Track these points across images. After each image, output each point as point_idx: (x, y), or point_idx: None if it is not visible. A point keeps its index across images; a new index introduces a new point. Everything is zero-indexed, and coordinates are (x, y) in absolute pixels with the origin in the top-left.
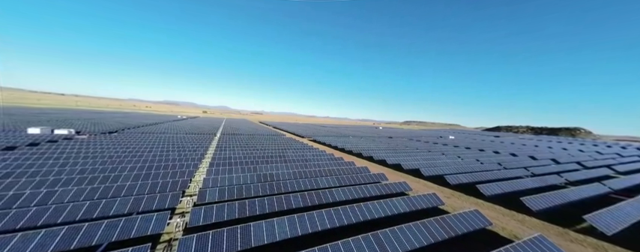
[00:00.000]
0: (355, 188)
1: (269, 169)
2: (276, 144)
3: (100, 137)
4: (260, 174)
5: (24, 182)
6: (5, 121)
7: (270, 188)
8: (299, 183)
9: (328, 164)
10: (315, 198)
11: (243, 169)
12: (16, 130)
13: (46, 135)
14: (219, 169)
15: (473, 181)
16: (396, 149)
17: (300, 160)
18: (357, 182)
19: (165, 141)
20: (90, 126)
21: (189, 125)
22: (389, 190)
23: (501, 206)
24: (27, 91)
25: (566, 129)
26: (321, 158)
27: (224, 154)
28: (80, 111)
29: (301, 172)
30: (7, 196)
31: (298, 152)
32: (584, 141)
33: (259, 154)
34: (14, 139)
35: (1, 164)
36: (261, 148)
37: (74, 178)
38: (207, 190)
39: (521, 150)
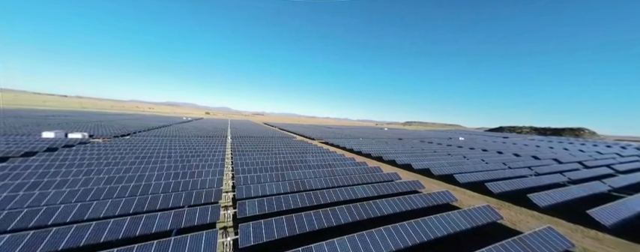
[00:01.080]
0: (400, 200)
1: (296, 175)
2: (291, 147)
3: (114, 141)
4: (291, 182)
5: (54, 194)
6: (17, 125)
7: (309, 199)
8: (336, 193)
9: (354, 170)
10: (362, 212)
11: (271, 177)
12: (30, 133)
13: (61, 139)
14: (246, 176)
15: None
16: (414, 152)
17: (324, 166)
18: (393, 191)
19: (181, 145)
20: (101, 129)
21: (198, 127)
22: (433, 200)
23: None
24: (30, 93)
25: (570, 129)
26: (344, 164)
27: (244, 160)
28: (86, 113)
29: (332, 179)
30: (40, 211)
31: (318, 156)
32: (585, 141)
33: (279, 159)
34: (31, 144)
35: (26, 172)
36: (278, 153)
37: (104, 189)
38: (246, 202)
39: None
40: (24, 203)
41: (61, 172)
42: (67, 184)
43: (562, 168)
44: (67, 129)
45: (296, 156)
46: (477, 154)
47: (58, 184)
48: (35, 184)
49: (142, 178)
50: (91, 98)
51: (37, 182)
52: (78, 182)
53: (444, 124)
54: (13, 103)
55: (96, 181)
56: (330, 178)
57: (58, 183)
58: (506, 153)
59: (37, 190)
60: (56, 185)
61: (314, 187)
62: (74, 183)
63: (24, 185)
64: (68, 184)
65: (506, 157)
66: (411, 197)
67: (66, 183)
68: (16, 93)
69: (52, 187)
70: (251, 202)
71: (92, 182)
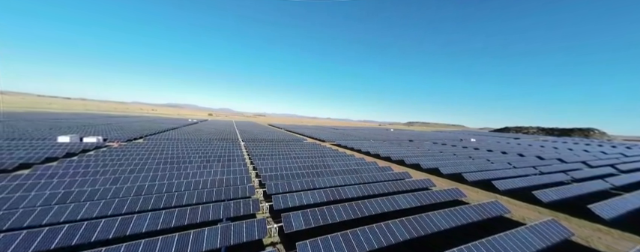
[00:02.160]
0: (450, 213)
1: (327, 182)
2: (308, 151)
3: (130, 145)
4: (326, 190)
5: (90, 205)
6: (29, 128)
7: (353, 211)
8: (379, 204)
9: (382, 176)
10: (417, 227)
11: (302, 184)
12: (45, 138)
13: (77, 143)
14: (277, 184)
15: None
16: (434, 155)
17: (350, 172)
18: (434, 201)
19: (197, 149)
20: (113, 133)
21: (206, 129)
22: (484, 212)
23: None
24: (34, 96)
25: (578, 129)
26: (368, 169)
27: (267, 165)
28: (92, 115)
29: (367, 188)
30: (83, 226)
31: (339, 161)
32: (590, 142)
33: (301, 163)
34: (50, 149)
35: (54, 181)
36: (297, 157)
37: (139, 199)
38: (290, 215)
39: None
40: (61, 216)
41: (88, 181)
42: (98, 195)
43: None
44: (81, 133)
45: (316, 160)
46: (499, 156)
47: (89, 195)
48: (66, 195)
49: (171, 187)
50: (94, 100)
51: (68, 193)
52: (109, 192)
53: (447, 125)
54: (19, 105)
55: (127, 190)
56: (365, 187)
57: (88, 194)
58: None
59: (70, 201)
60: (87, 196)
61: (350, 195)
62: (105, 193)
63: (56, 195)
64: (99, 194)
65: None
66: (463, 208)
67: (97, 193)
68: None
69: (84, 199)
70: (295, 215)
71: (123, 191)
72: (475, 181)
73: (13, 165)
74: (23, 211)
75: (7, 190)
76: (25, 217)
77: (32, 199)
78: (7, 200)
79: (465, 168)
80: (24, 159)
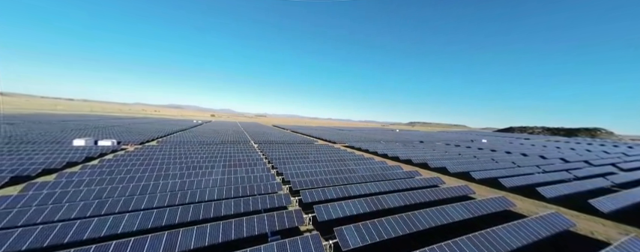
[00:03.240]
0: (519, 228)
1: (360, 189)
2: (325, 154)
3: (145, 149)
4: (367, 200)
5: (129, 217)
6: (41, 131)
7: (406, 225)
8: (430, 216)
9: (414, 182)
10: (490, 246)
11: (337, 191)
12: (59, 141)
13: (92, 147)
14: (311, 192)
15: None
16: (454, 158)
17: (378, 177)
18: (485, 212)
19: (214, 152)
20: (124, 135)
21: (214, 131)
22: (545, 227)
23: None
24: (38, 97)
25: (585, 129)
26: (396, 174)
27: (291, 170)
28: (98, 117)
29: (407, 196)
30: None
31: (361, 165)
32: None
33: (324, 167)
34: (69, 153)
35: (83, 189)
36: (317, 160)
37: (176, 211)
38: (343, 230)
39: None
40: (101, 229)
41: (118, 189)
42: (133, 205)
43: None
44: (95, 136)
45: (338, 164)
46: (521, 158)
47: (123, 205)
48: (100, 205)
49: (203, 195)
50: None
51: (102, 202)
52: (142, 201)
53: (449, 125)
54: (25, 107)
55: (160, 198)
56: (405, 195)
57: (123, 203)
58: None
59: (104, 212)
60: (123, 205)
61: (391, 205)
62: (139, 203)
63: (90, 206)
64: (134, 202)
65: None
66: (526, 222)
67: (131, 203)
68: (25, 97)
69: (120, 208)
70: (348, 229)
71: (157, 200)
72: (514, 187)
73: (37, 171)
74: (63, 225)
75: (38, 200)
76: (66, 230)
77: (66, 211)
78: (40, 212)
79: (497, 172)
80: (45, 164)
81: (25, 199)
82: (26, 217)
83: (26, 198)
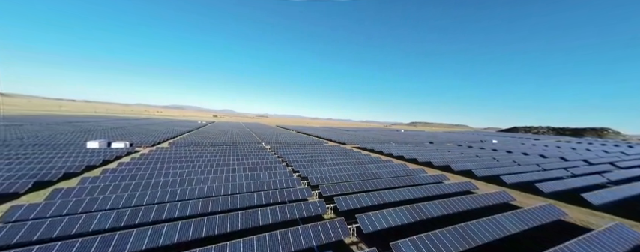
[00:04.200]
0: (585, 243)
1: (394, 196)
2: (341, 156)
3: (159, 152)
4: (409, 209)
5: (168, 229)
6: (53, 133)
7: (464, 239)
8: (485, 227)
9: (446, 187)
10: None
11: (371, 199)
12: (72, 143)
13: (106, 150)
14: (346, 199)
15: None
16: (475, 160)
17: (407, 183)
18: (538, 222)
19: (228, 154)
20: (134, 136)
21: (222, 132)
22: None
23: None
24: (40, 98)
25: (591, 129)
26: (423, 178)
27: (315, 174)
28: (103, 118)
29: (447, 203)
30: None
31: (382, 168)
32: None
33: (346, 171)
34: (86, 157)
35: (110, 196)
36: (335, 163)
37: (214, 221)
38: (400, 245)
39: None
40: (128, 238)
41: (147, 195)
42: (166, 212)
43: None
44: (108, 138)
45: (359, 168)
46: (551, 161)
47: (157, 212)
48: (133, 215)
49: (235, 202)
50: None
51: (135, 211)
52: (175, 208)
53: (450, 125)
54: (29, 108)
55: (193, 206)
56: (445, 202)
57: (157, 210)
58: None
59: (137, 220)
60: (156, 213)
61: (434, 214)
62: (173, 208)
63: (123, 215)
64: (166, 210)
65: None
66: (591, 236)
67: (164, 209)
68: (27, 98)
69: (153, 217)
70: (404, 244)
71: (191, 208)
72: (554, 193)
73: (58, 176)
74: (103, 238)
75: (67, 208)
76: (106, 241)
77: (101, 221)
78: (75, 221)
79: (529, 176)
80: (65, 168)
81: (54, 207)
82: (61, 228)
83: (56, 206)
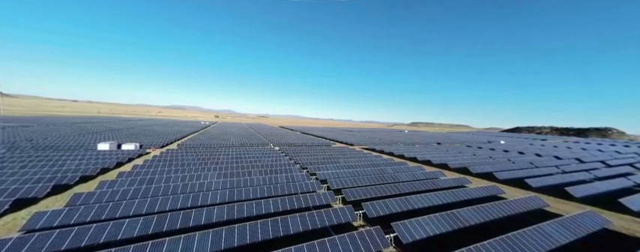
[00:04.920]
0: None
1: (423, 201)
2: (353, 158)
3: (170, 153)
4: (443, 215)
5: (200, 237)
6: (59, 134)
7: (522, 250)
8: (533, 237)
9: (473, 192)
10: None
11: (399, 204)
12: (82, 145)
13: (117, 152)
14: (374, 205)
15: None
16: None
17: (429, 186)
18: (585, 230)
19: (239, 156)
20: (141, 137)
21: (228, 133)
22: None
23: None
24: (43, 98)
25: (595, 129)
26: (445, 181)
27: (333, 177)
28: (108, 119)
29: (482, 210)
30: None
31: (399, 171)
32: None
33: (365, 175)
34: (99, 159)
35: (133, 201)
36: (350, 165)
37: (245, 229)
38: None
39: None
40: (161, 249)
41: (169, 201)
42: (193, 218)
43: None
44: (116, 140)
45: (375, 170)
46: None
47: (183, 219)
48: (161, 220)
49: (260, 208)
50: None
51: (161, 217)
52: (202, 215)
53: (451, 125)
54: (34, 109)
55: (219, 213)
56: (479, 209)
57: (183, 217)
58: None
59: (181, 229)
60: (182, 220)
61: (473, 221)
62: (198, 216)
63: (149, 223)
64: (193, 217)
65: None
66: None
67: (190, 215)
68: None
69: (180, 224)
70: None
71: (216, 215)
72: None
73: (74, 179)
74: (136, 248)
75: (91, 214)
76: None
77: (128, 229)
78: (102, 230)
79: (553, 179)
80: (80, 171)
81: (78, 213)
82: (89, 236)
83: (79, 212)
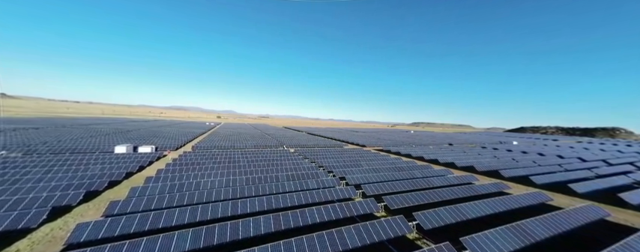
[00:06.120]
0: None
1: (475, 210)
2: (372, 161)
3: (187, 156)
4: (510, 228)
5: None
6: (71, 136)
7: None
8: None
9: (519, 199)
10: None
11: (451, 214)
12: (98, 149)
13: (136, 154)
14: (426, 215)
15: None
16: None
17: (469, 192)
18: None
19: (258, 159)
20: (153, 139)
21: (237, 133)
22: None
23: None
24: (46, 100)
25: (603, 129)
26: (484, 188)
27: (364, 181)
28: (112, 120)
29: (550, 223)
30: None
31: (428, 174)
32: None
33: (396, 178)
34: (118, 162)
35: (175, 210)
36: (375, 170)
37: (302, 243)
38: None
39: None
40: None
41: (209, 209)
42: (241, 229)
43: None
44: (130, 142)
45: (403, 175)
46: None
47: (233, 230)
48: (210, 232)
49: (305, 216)
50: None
51: (209, 229)
52: (249, 225)
53: (453, 125)
54: (38, 110)
55: (266, 223)
56: (547, 221)
57: (232, 228)
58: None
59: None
60: (232, 232)
61: (543, 235)
62: (246, 227)
63: (199, 235)
64: (241, 228)
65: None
66: None
67: (237, 227)
68: (34, 100)
69: (229, 235)
70: None
71: (264, 225)
72: None
73: (103, 185)
74: None
75: (133, 226)
76: None
77: (180, 241)
78: (154, 243)
79: (595, 184)
80: (106, 176)
81: (121, 225)
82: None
83: (122, 223)
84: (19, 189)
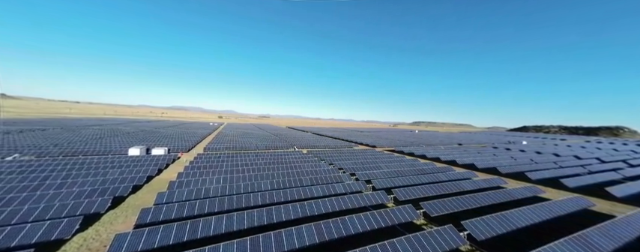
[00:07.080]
0: None
1: (522, 219)
2: (388, 162)
3: (201, 159)
4: (573, 242)
5: None
6: (81, 138)
7: None
8: None
9: (562, 205)
10: None
11: (501, 224)
12: (111, 151)
13: (151, 157)
14: (476, 225)
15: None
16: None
17: (506, 197)
18: None
19: (275, 161)
20: (164, 141)
21: (244, 134)
22: None
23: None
24: (46, 100)
25: (606, 128)
26: (520, 192)
27: (391, 185)
28: (115, 121)
29: (612, 234)
30: None
31: (456, 179)
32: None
33: (421, 181)
34: (136, 166)
35: (210, 219)
36: (397, 173)
37: None
38: None
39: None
40: None
41: (245, 218)
42: (286, 241)
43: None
44: (141, 143)
45: (428, 178)
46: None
47: (277, 242)
48: (255, 243)
49: (346, 225)
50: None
51: (254, 240)
52: (293, 236)
53: (454, 124)
54: (40, 111)
55: (310, 236)
56: (609, 234)
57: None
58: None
59: None
60: (277, 245)
61: (608, 248)
62: (290, 239)
63: (245, 246)
64: (285, 239)
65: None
66: None
67: (282, 237)
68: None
69: (276, 249)
70: None
71: (308, 237)
72: None
73: (128, 190)
74: None
75: (172, 237)
76: None
77: None
78: None
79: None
80: (128, 180)
81: (159, 235)
82: None
83: (160, 234)
84: (43, 195)
